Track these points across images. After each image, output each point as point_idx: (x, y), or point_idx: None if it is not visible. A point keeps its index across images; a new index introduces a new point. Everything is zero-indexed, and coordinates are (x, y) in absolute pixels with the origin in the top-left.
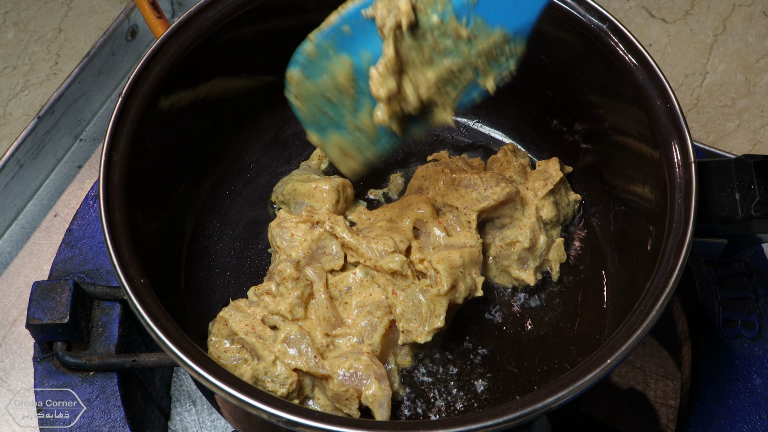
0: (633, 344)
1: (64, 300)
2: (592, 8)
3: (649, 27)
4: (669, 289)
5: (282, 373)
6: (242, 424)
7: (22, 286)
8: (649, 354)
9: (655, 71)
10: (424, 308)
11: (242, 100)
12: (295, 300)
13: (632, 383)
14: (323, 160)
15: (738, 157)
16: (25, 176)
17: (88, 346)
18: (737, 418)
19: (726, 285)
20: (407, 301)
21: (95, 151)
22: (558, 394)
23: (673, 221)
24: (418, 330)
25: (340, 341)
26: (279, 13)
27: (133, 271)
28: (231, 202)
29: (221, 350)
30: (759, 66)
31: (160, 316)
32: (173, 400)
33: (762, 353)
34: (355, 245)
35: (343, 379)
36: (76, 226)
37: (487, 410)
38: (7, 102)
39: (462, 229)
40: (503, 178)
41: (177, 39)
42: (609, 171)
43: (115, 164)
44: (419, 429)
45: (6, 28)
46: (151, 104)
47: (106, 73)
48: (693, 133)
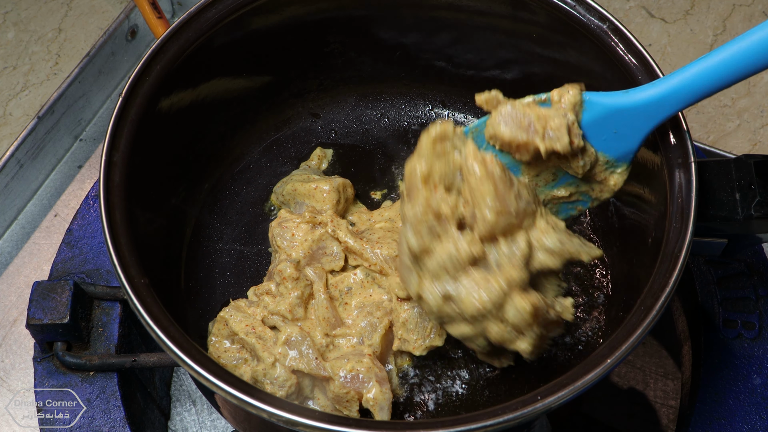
0: (633, 344)
1: (64, 300)
2: (592, 8)
3: (649, 27)
4: (669, 289)
5: (281, 376)
6: (242, 424)
7: (22, 286)
8: (649, 354)
9: (655, 71)
10: (429, 326)
11: (242, 100)
12: (295, 300)
13: (632, 383)
14: (323, 160)
15: (738, 157)
16: (25, 176)
17: (88, 346)
18: (737, 418)
19: (726, 285)
20: (413, 311)
21: (95, 151)
22: (558, 394)
23: (673, 221)
24: (416, 342)
25: (341, 341)
26: (279, 13)
27: (133, 271)
28: (231, 202)
29: (221, 350)
30: None
31: (160, 316)
32: (173, 400)
33: (762, 353)
34: (360, 250)
35: (344, 381)
36: (76, 226)
37: (487, 410)
38: (7, 102)
39: None
40: None
41: (177, 39)
42: None
43: (115, 164)
44: (419, 429)
45: (6, 28)
46: (151, 104)
47: (106, 73)
48: (693, 133)
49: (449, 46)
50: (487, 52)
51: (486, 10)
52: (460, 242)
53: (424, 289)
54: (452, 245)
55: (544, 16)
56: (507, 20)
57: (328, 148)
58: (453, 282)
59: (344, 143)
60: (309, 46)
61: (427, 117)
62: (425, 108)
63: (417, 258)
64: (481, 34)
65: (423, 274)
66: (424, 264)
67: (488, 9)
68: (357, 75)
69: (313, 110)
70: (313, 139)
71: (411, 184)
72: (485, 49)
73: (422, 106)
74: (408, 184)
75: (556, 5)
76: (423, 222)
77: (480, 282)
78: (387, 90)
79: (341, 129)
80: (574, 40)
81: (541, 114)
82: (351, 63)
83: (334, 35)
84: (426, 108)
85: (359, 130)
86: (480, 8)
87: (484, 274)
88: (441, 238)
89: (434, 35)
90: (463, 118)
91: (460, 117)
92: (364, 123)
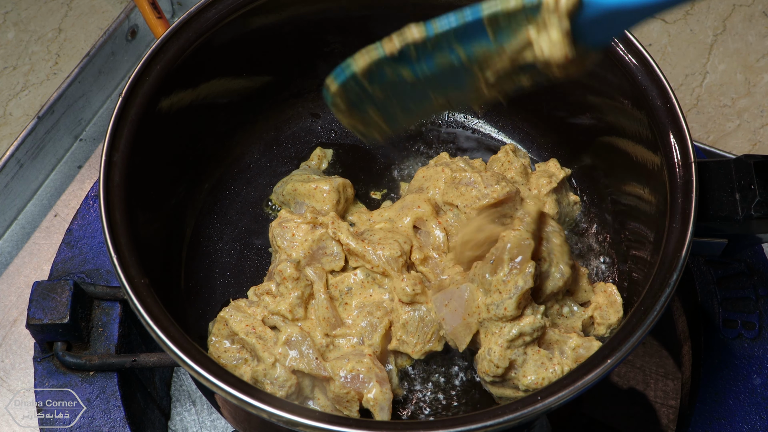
0: (633, 344)
1: (64, 300)
2: None
3: (649, 27)
4: (669, 289)
5: (281, 376)
6: (242, 424)
7: (22, 286)
8: (649, 354)
9: (655, 71)
10: (431, 331)
11: (242, 100)
12: (295, 300)
13: (632, 383)
14: (323, 161)
15: (738, 157)
16: (25, 176)
17: (88, 346)
18: (737, 418)
19: (726, 285)
20: (414, 314)
21: (95, 151)
22: (558, 394)
23: (673, 221)
24: (416, 347)
25: (341, 341)
26: (279, 13)
27: (133, 271)
28: (231, 202)
29: (221, 350)
30: (759, 66)
31: (160, 316)
32: (173, 400)
33: (762, 353)
34: (362, 252)
35: (345, 382)
36: (76, 226)
37: (487, 410)
38: (7, 102)
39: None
40: (504, 178)
41: (177, 39)
42: (609, 171)
43: (115, 164)
44: (419, 429)
45: (6, 28)
46: (151, 104)
47: (106, 73)
48: (693, 133)
49: None
50: None
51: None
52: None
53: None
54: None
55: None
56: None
57: (328, 148)
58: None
59: (344, 143)
60: (309, 46)
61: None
62: None
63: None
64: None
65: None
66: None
67: None
68: None
69: (313, 110)
70: (313, 139)
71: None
72: None
73: None
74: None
75: None
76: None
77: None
78: None
79: (341, 129)
80: None
81: None
82: None
83: (334, 35)
84: None
85: None
86: None
87: None
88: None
89: None
90: (463, 118)
91: (459, 117)
92: None
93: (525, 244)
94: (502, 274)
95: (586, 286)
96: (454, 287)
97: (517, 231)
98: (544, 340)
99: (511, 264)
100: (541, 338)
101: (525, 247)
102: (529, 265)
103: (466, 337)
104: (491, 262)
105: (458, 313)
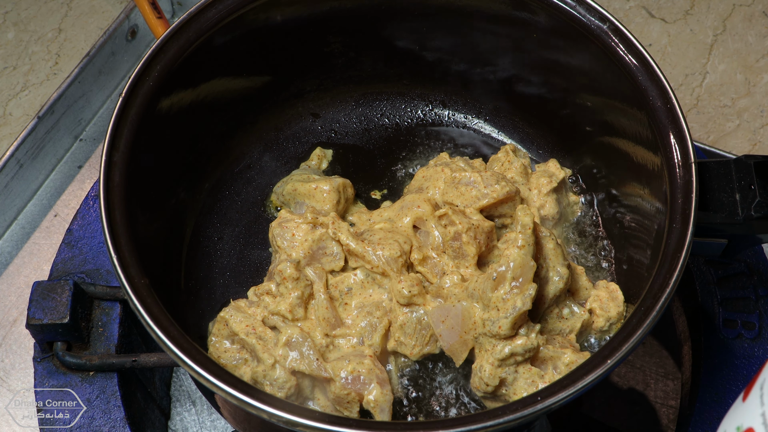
0: (633, 344)
1: (64, 300)
2: (592, 8)
3: (649, 27)
4: (669, 289)
5: (281, 377)
6: (242, 424)
7: (22, 286)
8: (649, 354)
9: (655, 71)
10: (428, 334)
11: (242, 100)
12: (295, 300)
13: (632, 383)
14: (323, 160)
15: (738, 158)
16: (25, 176)
17: (88, 346)
18: None
19: (726, 285)
20: (411, 316)
21: (95, 151)
22: (558, 395)
23: (673, 221)
24: (414, 349)
25: (341, 342)
26: (279, 13)
27: (133, 271)
28: (231, 202)
29: (221, 350)
30: (759, 66)
31: (160, 316)
32: (173, 400)
33: (762, 353)
34: (362, 253)
35: (345, 383)
36: (76, 226)
37: (487, 410)
38: (7, 102)
39: None
40: (503, 177)
41: (177, 39)
42: (609, 172)
43: (115, 164)
44: (419, 429)
45: (6, 28)
46: (151, 104)
47: (106, 73)
48: (693, 133)
49: (450, 46)
50: (487, 52)
51: (486, 11)
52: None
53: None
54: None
55: (544, 17)
56: (507, 21)
57: (328, 148)
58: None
59: (344, 143)
60: (309, 45)
61: (427, 117)
62: (425, 108)
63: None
64: (481, 34)
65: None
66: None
67: (488, 9)
68: (357, 75)
69: (313, 110)
70: (313, 139)
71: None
72: (485, 49)
73: (422, 106)
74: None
75: (556, 5)
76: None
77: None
78: (387, 90)
79: (341, 129)
80: (575, 40)
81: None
82: (351, 63)
83: (335, 35)
84: (426, 108)
85: (359, 130)
86: (480, 8)
87: None
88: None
89: (434, 35)
90: (463, 118)
91: (459, 117)
92: (364, 123)
93: (529, 266)
94: (503, 292)
95: (586, 284)
96: (451, 304)
97: (522, 250)
98: (538, 357)
99: (513, 283)
100: (535, 355)
101: (528, 269)
102: (530, 287)
103: (463, 354)
104: (494, 278)
105: (455, 330)
